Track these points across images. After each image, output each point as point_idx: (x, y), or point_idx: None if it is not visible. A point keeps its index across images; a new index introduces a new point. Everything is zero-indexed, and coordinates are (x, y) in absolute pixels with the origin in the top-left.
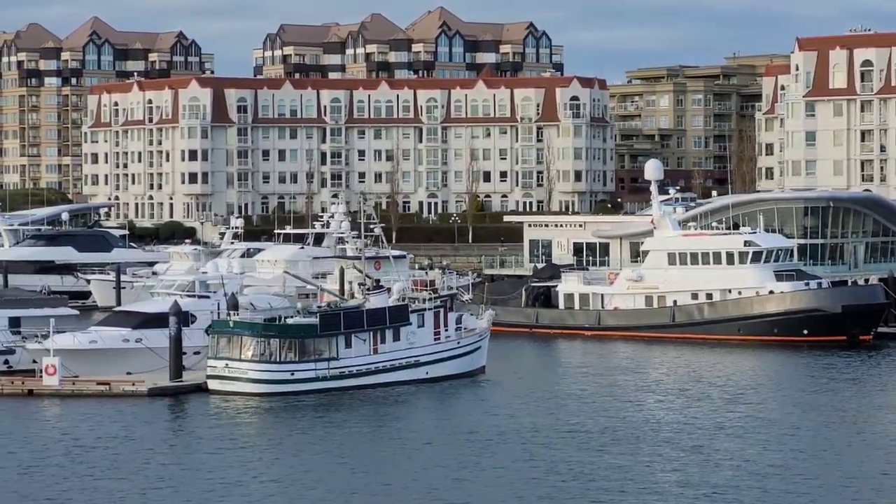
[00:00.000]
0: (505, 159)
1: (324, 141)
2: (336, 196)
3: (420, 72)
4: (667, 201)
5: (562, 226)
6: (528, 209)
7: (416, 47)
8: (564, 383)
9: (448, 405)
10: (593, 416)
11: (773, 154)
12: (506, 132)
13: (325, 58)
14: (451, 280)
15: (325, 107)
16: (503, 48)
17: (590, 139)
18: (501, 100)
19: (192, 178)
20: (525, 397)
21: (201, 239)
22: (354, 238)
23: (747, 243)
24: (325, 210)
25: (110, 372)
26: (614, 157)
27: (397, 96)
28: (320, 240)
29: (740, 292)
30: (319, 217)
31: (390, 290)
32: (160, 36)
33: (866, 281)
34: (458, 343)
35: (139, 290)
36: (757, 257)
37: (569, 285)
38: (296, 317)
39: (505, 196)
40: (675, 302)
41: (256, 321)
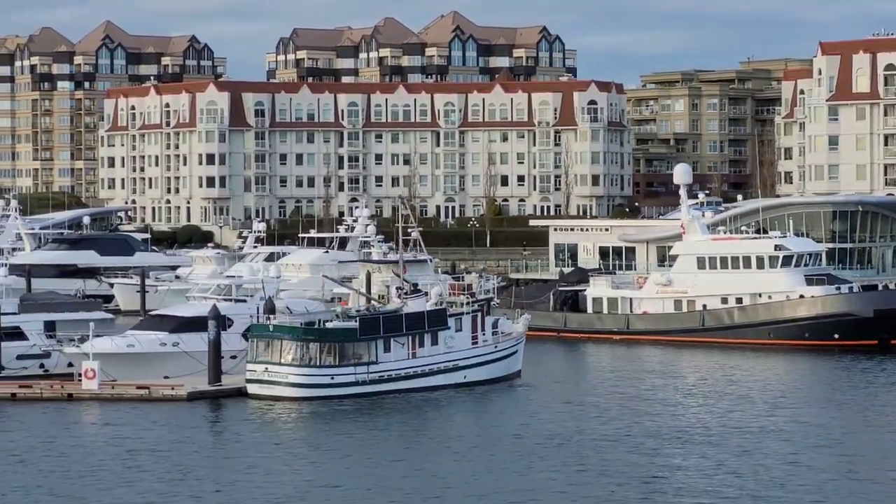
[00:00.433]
0: (522, 163)
1: (341, 145)
2: (355, 200)
3: (433, 76)
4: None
5: (587, 230)
6: (545, 213)
7: (429, 51)
8: (602, 387)
9: (490, 409)
10: (638, 420)
11: (793, 158)
12: (523, 136)
13: (338, 62)
14: (488, 284)
15: (342, 111)
16: (516, 52)
17: (607, 143)
18: (519, 104)
19: (210, 181)
20: (565, 401)
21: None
22: (380, 242)
23: (778, 247)
24: (342, 214)
25: (147, 376)
26: (631, 162)
27: (414, 100)
28: (344, 244)
29: (771, 296)
30: (342, 221)
31: (428, 294)
32: (173, 40)
33: None
34: (495, 347)
35: (163, 294)
36: (787, 261)
37: (597, 289)
38: (335, 321)
39: (522, 200)
40: (704, 306)
41: (296, 325)
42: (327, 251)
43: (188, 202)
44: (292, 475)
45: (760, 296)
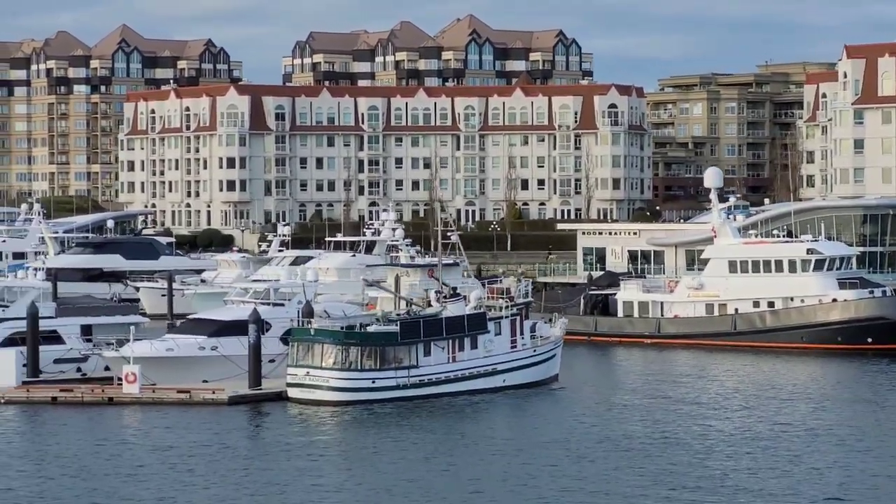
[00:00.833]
0: (542, 167)
1: (361, 149)
2: (374, 204)
3: (450, 79)
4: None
5: (616, 233)
6: (565, 217)
7: (445, 55)
8: (643, 391)
9: (532, 413)
10: (683, 424)
11: (815, 162)
12: (543, 140)
13: (354, 65)
14: (526, 288)
15: (362, 114)
16: (533, 56)
17: (628, 147)
18: (539, 107)
19: (230, 185)
20: (607, 405)
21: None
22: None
23: (810, 251)
24: (362, 218)
25: (186, 380)
26: (651, 165)
27: (434, 104)
28: (371, 248)
29: (803, 300)
30: (370, 225)
31: (467, 298)
32: (189, 43)
33: None
34: (534, 351)
35: (190, 298)
36: (820, 265)
37: (628, 293)
38: (375, 324)
39: (543, 204)
40: (736, 310)
41: (337, 329)
42: (354, 255)
43: (208, 206)
44: (337, 479)
45: (793, 299)
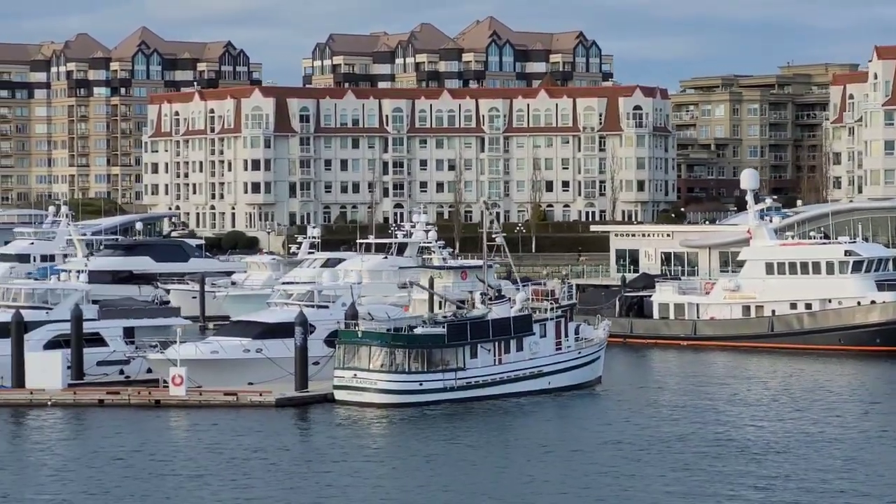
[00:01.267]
0: (567, 169)
1: (385, 150)
2: (399, 206)
3: (470, 81)
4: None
5: (649, 235)
6: (590, 219)
7: (466, 57)
8: (687, 393)
9: (581, 415)
10: (736, 427)
11: (842, 163)
12: (568, 142)
13: (374, 67)
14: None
15: (386, 116)
16: (553, 57)
17: (652, 149)
18: (563, 109)
19: (255, 187)
20: (654, 406)
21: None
22: (440, 247)
23: (848, 253)
24: (387, 220)
25: (230, 382)
26: (675, 167)
27: (459, 106)
28: (402, 249)
29: (841, 302)
30: (401, 226)
31: (512, 300)
32: (208, 46)
33: None
34: (578, 353)
35: (222, 300)
36: (858, 267)
37: (664, 295)
38: (421, 326)
39: (567, 206)
40: (773, 312)
41: (385, 331)
42: (386, 257)
43: (233, 208)
44: (394, 481)
45: (830, 301)
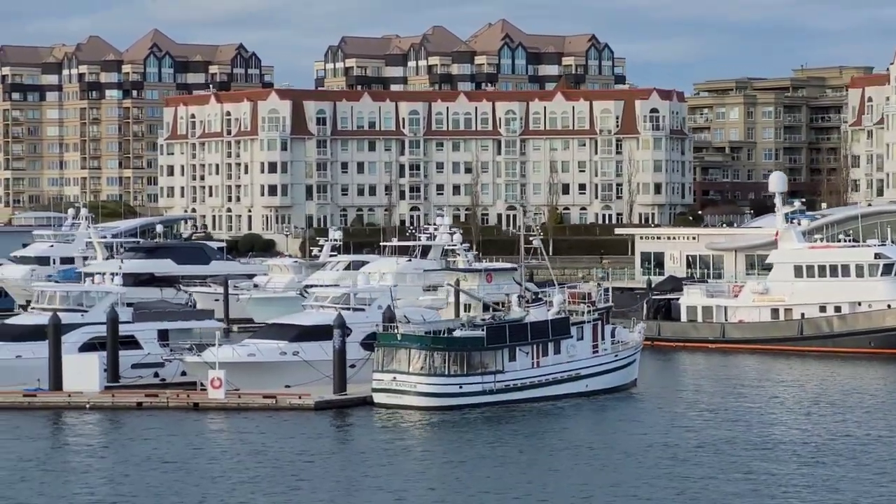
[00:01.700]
0: (584, 171)
1: (402, 153)
2: (416, 209)
3: (483, 84)
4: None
5: (674, 238)
6: (607, 221)
7: (478, 59)
8: (726, 396)
9: (622, 418)
10: (781, 429)
11: (860, 166)
12: (584, 144)
13: (387, 70)
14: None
15: (403, 119)
16: (566, 60)
17: (669, 151)
18: (580, 112)
19: (272, 190)
20: (695, 409)
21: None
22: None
23: (878, 255)
24: (404, 222)
25: (267, 385)
26: (692, 170)
27: (475, 108)
28: (426, 252)
29: (870, 305)
30: (424, 229)
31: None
32: (220, 48)
33: None
34: (615, 356)
35: (245, 303)
36: (888, 269)
37: (692, 298)
38: (460, 329)
39: (584, 208)
40: (802, 315)
41: (425, 334)
42: (410, 260)
43: (249, 210)
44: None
45: (860, 304)
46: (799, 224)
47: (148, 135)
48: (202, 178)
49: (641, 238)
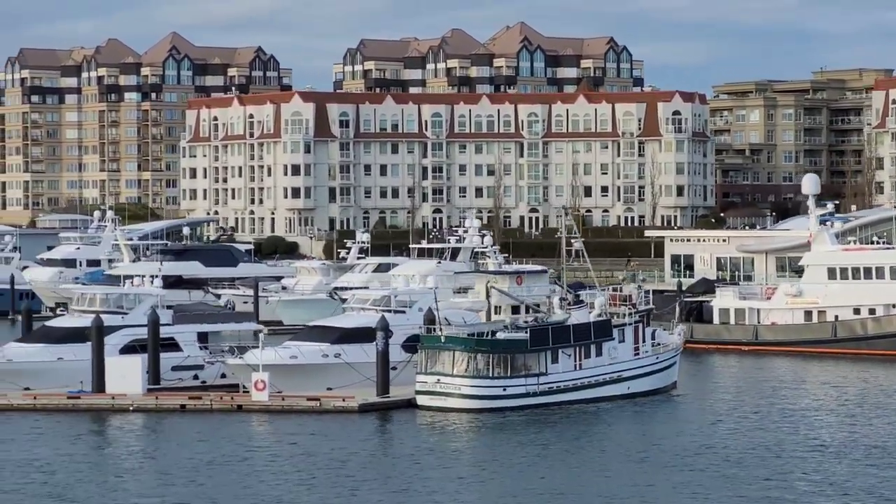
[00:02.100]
0: (606, 174)
1: (425, 155)
2: (438, 211)
3: (501, 87)
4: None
5: (704, 240)
6: (629, 224)
7: (497, 62)
8: (767, 398)
9: (668, 420)
10: (830, 431)
11: (884, 168)
12: (607, 147)
13: (405, 72)
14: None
15: (425, 121)
16: (584, 63)
17: (691, 154)
18: (602, 114)
19: (295, 192)
20: (738, 412)
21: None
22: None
23: None
24: (426, 225)
25: (308, 387)
26: (714, 172)
27: (498, 111)
28: (455, 254)
29: None
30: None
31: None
32: (238, 51)
33: None
34: (656, 358)
35: (275, 305)
36: None
37: (724, 300)
38: (503, 332)
39: (606, 211)
40: (836, 317)
41: (469, 336)
42: (440, 262)
43: (272, 213)
44: (501, 487)
45: (894, 307)
46: (832, 226)
47: (167, 137)
48: (224, 180)
49: (671, 240)
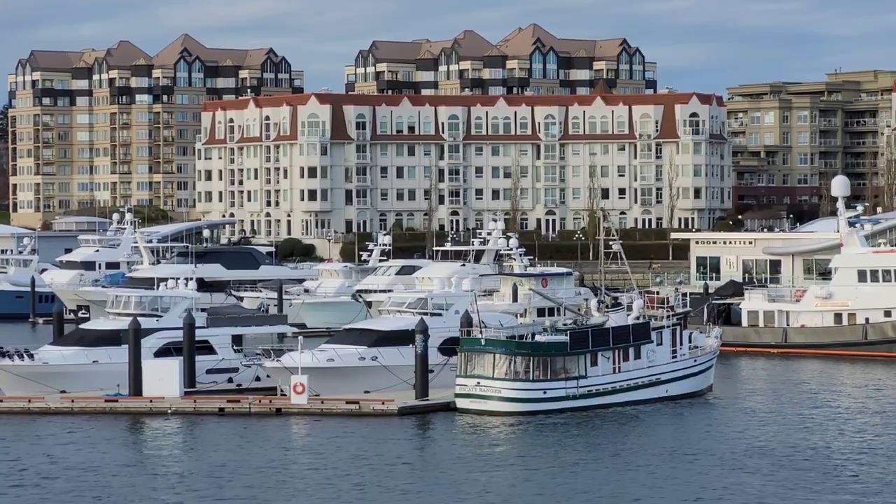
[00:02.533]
0: (623, 176)
1: (441, 157)
2: (455, 213)
3: (514, 88)
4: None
5: (730, 243)
6: (646, 226)
7: (510, 64)
8: (806, 401)
9: (709, 423)
10: (874, 434)
11: None
12: (624, 149)
13: (417, 74)
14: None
15: (442, 123)
16: (597, 65)
17: (708, 156)
18: (619, 116)
19: (312, 195)
20: (779, 414)
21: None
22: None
23: None
24: (443, 227)
25: (345, 390)
26: (731, 174)
27: (515, 113)
28: (479, 256)
29: None
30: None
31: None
32: (250, 53)
33: None
34: (694, 361)
35: (298, 307)
36: None
37: (753, 302)
38: (543, 334)
39: (623, 213)
40: (867, 320)
41: (510, 339)
42: (464, 264)
43: (289, 215)
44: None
45: None
46: (861, 228)
47: (178, 139)
48: (240, 182)
49: (697, 243)
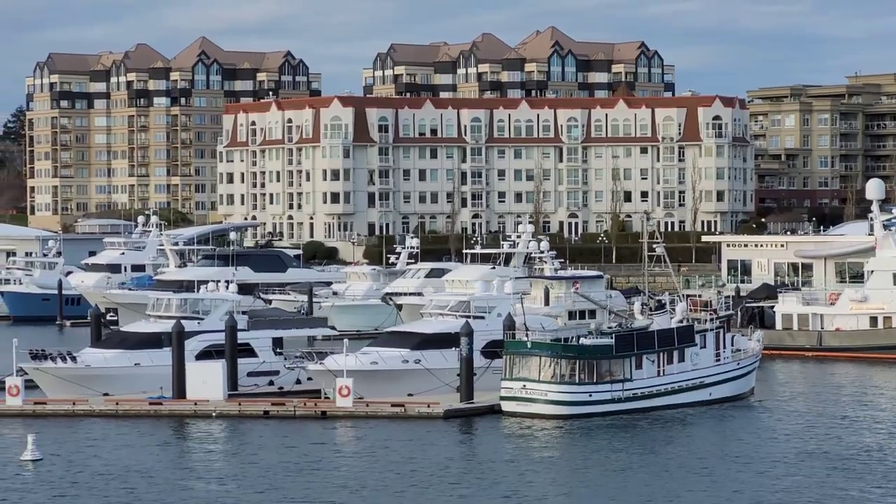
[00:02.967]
0: (646, 179)
1: (464, 160)
2: (477, 216)
3: (533, 91)
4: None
5: (762, 246)
6: (669, 229)
7: (528, 66)
8: (850, 404)
9: (756, 426)
10: None
11: None
12: (646, 151)
13: (436, 77)
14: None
15: (464, 126)
16: (615, 68)
17: (731, 159)
18: (642, 119)
19: (334, 197)
20: (826, 417)
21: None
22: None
23: None
24: (465, 230)
25: (389, 393)
26: (754, 177)
27: (537, 115)
28: (508, 259)
29: None
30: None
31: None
32: (267, 55)
33: None
34: (737, 364)
35: (327, 310)
36: None
37: (787, 305)
38: (588, 337)
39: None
40: None
41: (556, 342)
42: (494, 267)
43: (311, 218)
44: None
45: None
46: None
47: (196, 142)
48: (262, 185)
49: (728, 246)
